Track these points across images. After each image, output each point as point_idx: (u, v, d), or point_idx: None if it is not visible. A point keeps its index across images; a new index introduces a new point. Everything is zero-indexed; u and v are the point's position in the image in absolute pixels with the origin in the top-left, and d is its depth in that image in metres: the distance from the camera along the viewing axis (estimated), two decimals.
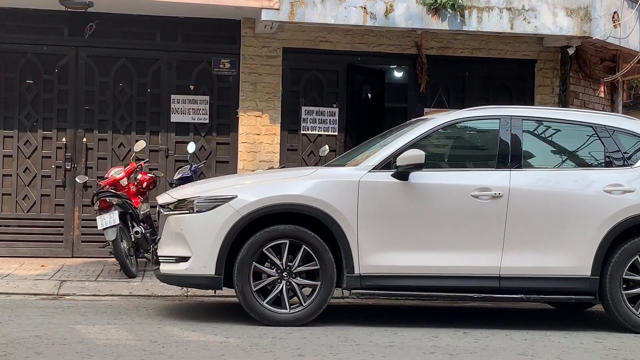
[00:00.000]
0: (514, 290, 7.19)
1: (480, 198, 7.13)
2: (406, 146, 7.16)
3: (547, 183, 7.30)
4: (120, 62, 11.12)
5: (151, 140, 11.08)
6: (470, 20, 10.67)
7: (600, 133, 7.53)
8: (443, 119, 7.51)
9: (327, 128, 11.51)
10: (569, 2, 10.83)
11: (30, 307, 7.72)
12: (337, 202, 6.96)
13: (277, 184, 7.21)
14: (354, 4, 10.44)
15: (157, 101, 11.18)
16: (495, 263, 7.10)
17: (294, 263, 6.99)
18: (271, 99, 11.23)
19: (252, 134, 11.18)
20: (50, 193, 10.98)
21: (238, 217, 6.89)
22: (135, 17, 10.97)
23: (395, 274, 7.04)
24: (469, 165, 7.68)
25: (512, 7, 10.75)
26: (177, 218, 7.12)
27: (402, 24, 10.61)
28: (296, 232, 6.97)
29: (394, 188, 7.07)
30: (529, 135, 7.50)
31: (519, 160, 7.31)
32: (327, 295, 7.01)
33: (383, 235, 7.03)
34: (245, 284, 6.92)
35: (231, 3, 10.28)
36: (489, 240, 7.12)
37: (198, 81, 11.28)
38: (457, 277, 7.10)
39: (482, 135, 7.75)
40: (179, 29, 11.18)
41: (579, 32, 10.89)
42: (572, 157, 7.67)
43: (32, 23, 10.85)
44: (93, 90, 11.06)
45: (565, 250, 7.17)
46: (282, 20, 10.42)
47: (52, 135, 10.97)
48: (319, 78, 11.56)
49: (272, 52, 11.26)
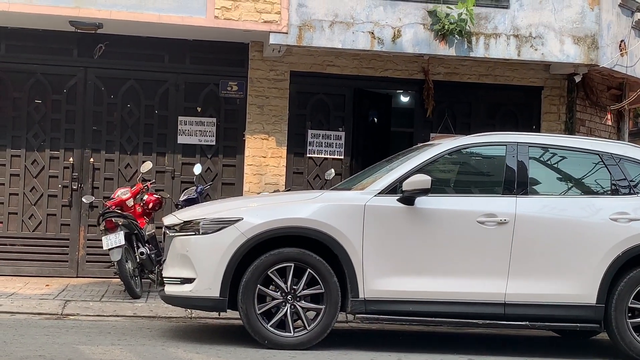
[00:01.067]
0: (519, 317, 7.16)
1: (486, 224, 7.12)
2: (412, 171, 7.17)
3: (553, 210, 7.29)
4: (129, 83, 11.18)
5: (158, 162, 11.11)
6: (477, 47, 10.72)
7: (606, 161, 7.53)
8: (450, 145, 7.51)
9: (333, 152, 11.53)
10: (576, 30, 10.88)
11: (34, 327, 7.71)
12: (342, 226, 6.96)
13: (283, 206, 7.22)
14: (362, 29, 10.50)
15: (164, 123, 11.22)
16: (501, 289, 7.08)
17: (299, 286, 6.98)
18: (278, 121, 11.26)
19: (259, 157, 11.21)
20: (56, 212, 11.00)
21: (244, 240, 6.89)
22: (144, 39, 11.04)
23: (400, 299, 7.02)
24: (474, 191, 7.68)
25: (519, 35, 10.80)
26: (183, 239, 7.12)
27: (410, 50, 10.66)
28: (301, 255, 6.96)
29: (400, 213, 7.07)
30: (535, 162, 7.50)
31: (525, 186, 7.30)
32: (332, 319, 6.99)
33: (388, 260, 7.01)
34: (249, 307, 6.91)
35: (240, 27, 10.34)
36: (495, 266, 7.10)
37: (205, 103, 11.33)
38: (462, 303, 7.08)
39: (489, 162, 7.75)
40: (187, 51, 11.24)
41: (586, 60, 10.92)
42: (578, 185, 7.66)
43: (41, 43, 10.93)
44: (101, 110, 11.11)
45: (570, 277, 7.15)
46: (290, 44, 10.48)
47: (60, 155, 11.01)
48: (325, 102, 11.61)
49: (280, 76, 11.31)
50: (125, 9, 10.06)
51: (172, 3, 10.13)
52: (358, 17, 10.49)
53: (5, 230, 10.90)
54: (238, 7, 10.27)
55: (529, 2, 10.83)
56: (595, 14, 10.94)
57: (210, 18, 10.25)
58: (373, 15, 10.52)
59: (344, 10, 10.46)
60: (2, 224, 10.85)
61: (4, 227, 10.88)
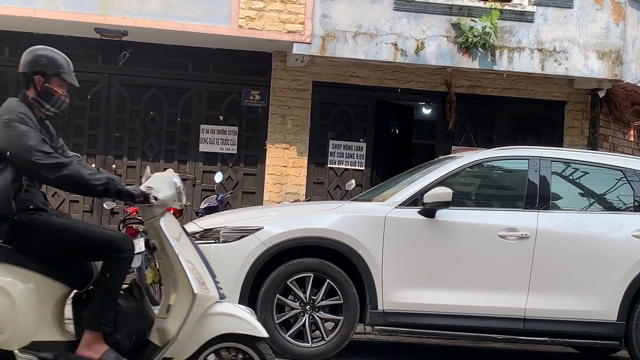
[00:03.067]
0: (539, 332, 7.10)
1: (507, 238, 7.08)
2: (434, 183, 7.14)
3: (575, 225, 7.23)
4: (152, 90, 11.24)
5: (179, 169, 11.16)
6: (500, 60, 10.69)
7: (629, 177, 7.47)
8: (472, 158, 7.48)
9: (354, 162, 11.53)
10: (600, 45, 10.83)
11: None
12: (362, 237, 6.94)
13: (304, 216, 7.21)
14: (385, 40, 10.51)
15: (186, 130, 11.27)
16: (521, 304, 7.03)
17: (318, 297, 6.95)
18: (299, 131, 11.28)
19: (279, 166, 11.22)
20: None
21: (263, 249, 6.88)
22: (168, 47, 11.10)
23: (419, 311, 6.98)
24: (496, 204, 7.63)
25: (543, 49, 10.77)
26: (203, 247, 7.06)
27: (433, 62, 10.65)
28: (321, 265, 6.94)
29: (421, 225, 7.03)
30: (557, 177, 7.46)
31: (546, 201, 7.26)
32: (350, 330, 6.96)
33: (408, 272, 6.98)
34: (268, 316, 6.89)
35: (264, 36, 10.38)
36: (515, 281, 7.05)
37: (227, 112, 11.37)
38: (481, 317, 7.03)
39: (511, 175, 7.72)
40: (210, 60, 11.30)
41: (610, 75, 10.87)
42: (600, 201, 7.61)
43: (66, 50, 10.85)
44: (124, 117, 11.19)
45: (591, 294, 7.08)
46: (314, 55, 10.51)
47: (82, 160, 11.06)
48: (347, 112, 11.61)
49: (302, 86, 11.33)
50: (150, 17, 10.13)
51: (197, 12, 10.18)
52: (382, 29, 10.50)
53: None
54: (262, 17, 10.31)
55: (554, 17, 10.80)
56: (620, 30, 10.89)
57: (235, 27, 10.30)
58: (397, 26, 10.53)
59: (367, 21, 10.48)
60: None
61: None
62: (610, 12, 10.90)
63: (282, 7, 10.36)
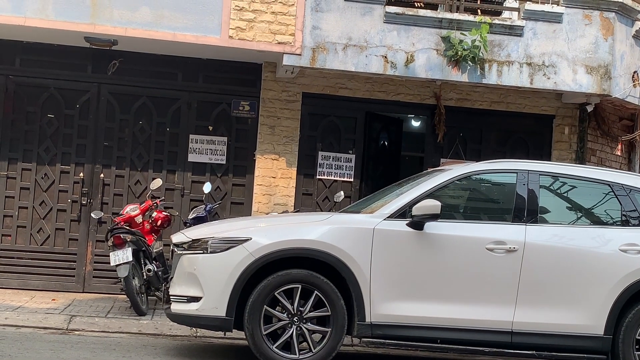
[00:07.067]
0: (526, 346, 7.12)
1: (495, 251, 7.10)
2: (422, 196, 7.16)
3: (563, 239, 7.26)
4: (141, 100, 11.22)
5: (167, 179, 11.13)
6: (490, 74, 10.74)
7: (617, 191, 7.52)
8: (460, 171, 7.51)
9: (343, 174, 11.54)
10: (589, 60, 10.89)
11: (39, 341, 7.70)
12: (351, 249, 6.95)
13: (292, 228, 7.21)
14: (375, 52, 10.53)
15: (175, 140, 11.25)
16: (508, 317, 7.05)
17: (305, 308, 6.95)
18: (289, 142, 11.28)
19: (268, 177, 11.21)
20: (64, 227, 11.02)
21: (251, 260, 6.88)
22: (158, 57, 11.09)
23: (407, 324, 6.99)
24: (484, 217, 7.65)
25: (532, 63, 10.81)
26: (191, 258, 7.12)
27: (422, 74, 10.68)
28: (309, 277, 6.95)
29: (409, 237, 7.05)
30: (545, 191, 7.49)
31: (534, 215, 7.29)
32: (337, 342, 6.96)
33: (396, 284, 6.99)
34: (255, 327, 6.89)
35: (254, 47, 10.39)
36: (503, 294, 7.07)
37: (217, 122, 11.36)
38: (468, 330, 7.04)
39: (499, 189, 7.74)
40: (200, 70, 11.29)
41: (599, 90, 10.93)
42: (588, 215, 7.64)
43: (56, 58, 10.99)
44: (113, 127, 11.16)
45: (578, 307, 7.11)
46: (304, 66, 10.52)
47: (70, 169, 11.05)
48: (337, 124, 11.63)
49: (292, 97, 11.34)
50: (140, 26, 10.12)
51: (187, 22, 10.19)
52: (372, 41, 10.52)
53: (13, 244, 10.92)
54: (252, 28, 10.32)
55: (543, 31, 10.85)
56: (609, 45, 10.95)
57: (225, 38, 10.30)
58: (387, 39, 10.56)
59: (357, 33, 10.50)
60: (10, 237, 10.88)
61: (12, 240, 10.89)
62: (599, 27, 10.96)
63: (273, 18, 10.38)
